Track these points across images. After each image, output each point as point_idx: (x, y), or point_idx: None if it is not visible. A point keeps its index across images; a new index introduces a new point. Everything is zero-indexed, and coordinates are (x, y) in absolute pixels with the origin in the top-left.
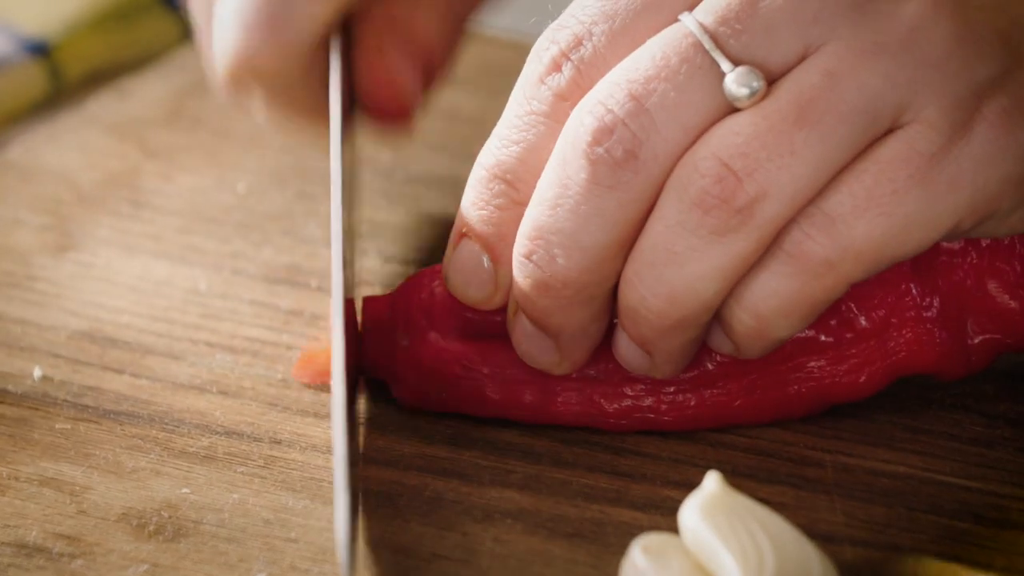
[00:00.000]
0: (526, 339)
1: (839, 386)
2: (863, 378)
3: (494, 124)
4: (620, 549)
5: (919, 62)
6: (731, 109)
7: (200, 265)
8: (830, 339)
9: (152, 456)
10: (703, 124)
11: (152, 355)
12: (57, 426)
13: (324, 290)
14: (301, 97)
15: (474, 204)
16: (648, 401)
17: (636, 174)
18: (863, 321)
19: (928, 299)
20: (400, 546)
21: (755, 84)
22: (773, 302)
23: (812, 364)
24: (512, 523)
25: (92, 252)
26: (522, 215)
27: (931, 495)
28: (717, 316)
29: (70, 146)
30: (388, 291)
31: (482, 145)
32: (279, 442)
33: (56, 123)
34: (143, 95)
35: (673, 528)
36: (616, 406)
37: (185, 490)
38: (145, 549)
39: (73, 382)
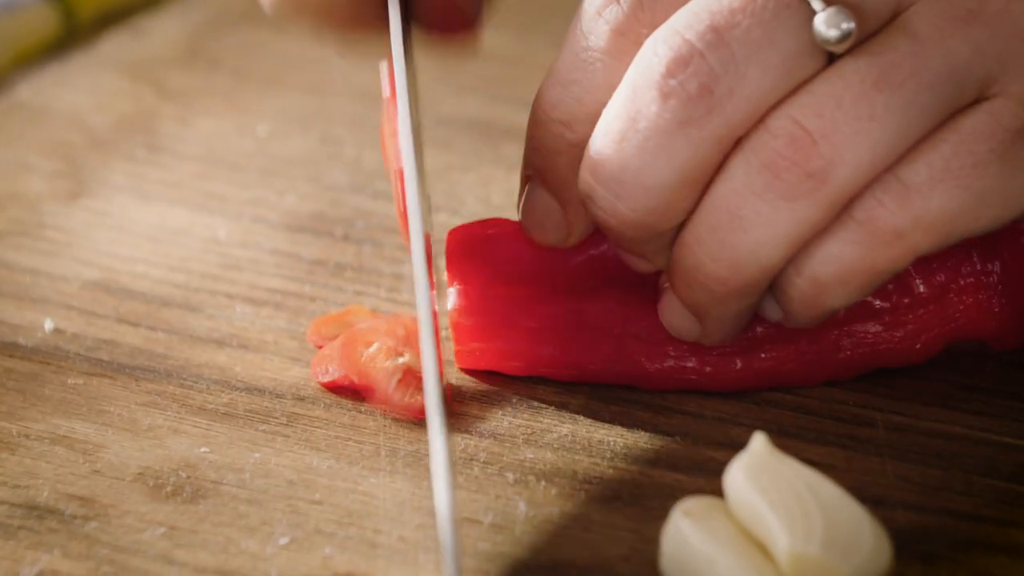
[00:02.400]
0: (617, 251)
1: (893, 352)
2: (919, 345)
3: (526, 64)
4: (661, 513)
5: (1011, 34)
6: (817, 56)
7: (219, 213)
8: (886, 304)
9: (169, 413)
10: (786, 68)
11: (169, 307)
12: (70, 381)
13: (349, 239)
14: (354, 9)
15: (533, 148)
16: (691, 362)
17: (709, 111)
18: (921, 287)
19: (989, 265)
20: (430, 509)
21: (845, 25)
22: (833, 269)
23: (866, 330)
24: (547, 486)
25: (106, 199)
26: (579, 152)
27: (988, 456)
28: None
29: (82, 88)
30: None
31: (513, 86)
32: (302, 399)
33: (68, 64)
34: (158, 34)
35: (717, 491)
36: (658, 366)
37: (204, 449)
38: (162, 511)
39: (86, 335)
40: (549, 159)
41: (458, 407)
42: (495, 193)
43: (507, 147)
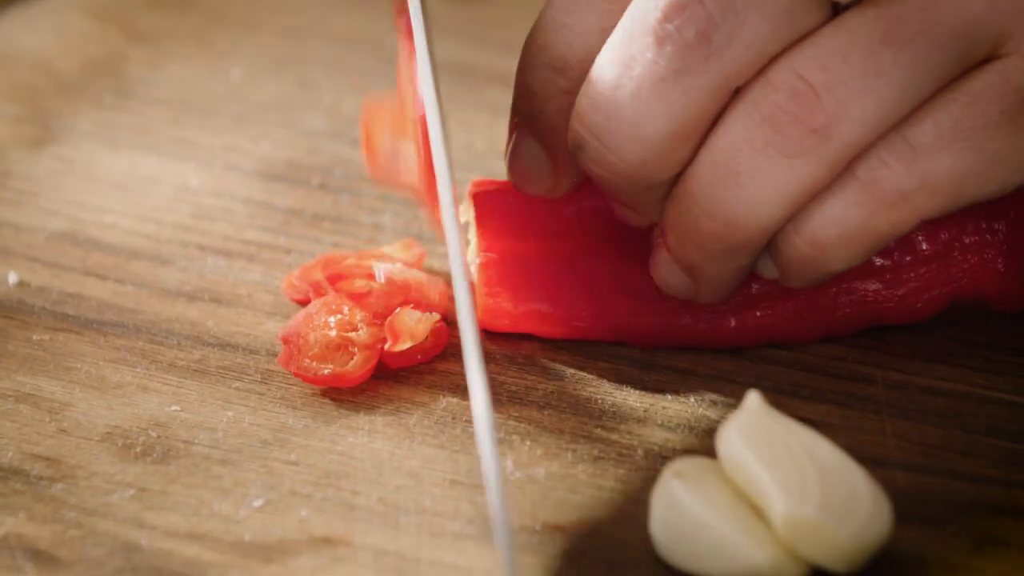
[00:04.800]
0: (608, 201)
1: (894, 311)
2: (920, 304)
3: (511, 4)
4: (651, 474)
5: None
6: (821, 7)
7: (191, 160)
8: (887, 262)
9: (138, 370)
10: (788, 18)
11: (138, 259)
12: (35, 337)
13: (326, 187)
14: None
15: (521, 94)
16: (684, 320)
17: (706, 59)
18: (924, 244)
19: (995, 224)
20: (410, 470)
21: None
22: (834, 231)
23: (866, 288)
24: (532, 445)
25: (72, 146)
26: (569, 99)
27: (991, 416)
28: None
29: (47, 30)
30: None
31: (498, 27)
32: (277, 355)
33: (32, 5)
34: None
35: (709, 451)
36: (648, 322)
37: (175, 408)
38: (131, 472)
39: (52, 288)
40: (538, 106)
41: (442, 365)
42: (478, 139)
43: (491, 92)
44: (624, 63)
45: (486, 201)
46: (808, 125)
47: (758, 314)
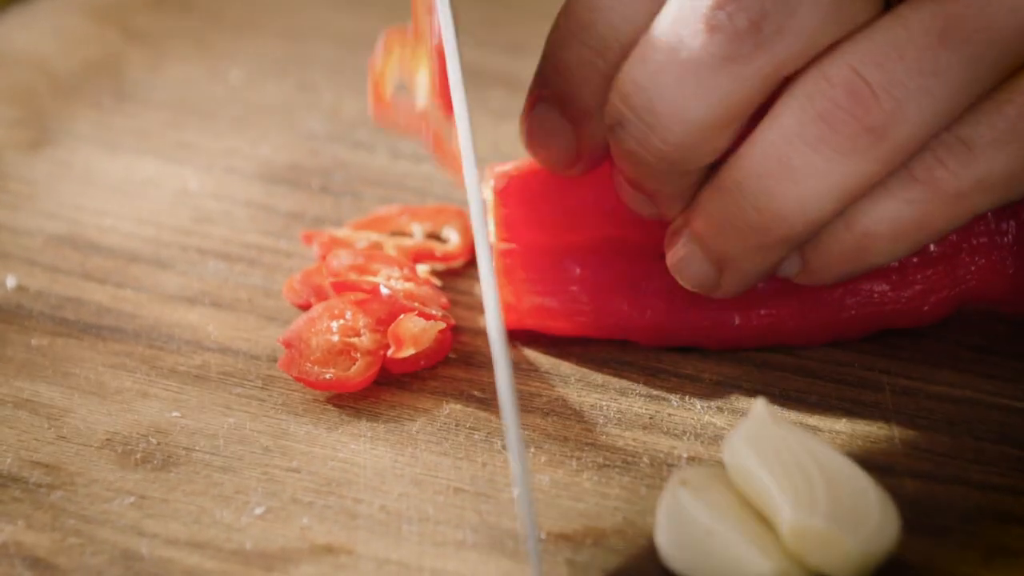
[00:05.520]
0: (623, 190)
1: (900, 313)
2: (927, 306)
3: (516, 7)
4: (656, 482)
5: None
6: (872, 1)
7: (190, 163)
8: (894, 263)
9: (138, 376)
10: (841, 10)
11: (138, 263)
12: (33, 342)
13: (327, 190)
14: None
15: (556, 70)
16: (688, 316)
17: (756, 48)
18: (932, 246)
19: (1004, 225)
20: (413, 478)
21: None
22: (888, 227)
23: (872, 288)
24: (536, 453)
25: (70, 149)
26: (606, 81)
27: (1000, 423)
28: None
29: (45, 31)
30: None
31: (503, 30)
32: (278, 361)
33: (30, 6)
34: None
35: (715, 458)
36: (651, 318)
37: (175, 413)
38: (131, 479)
39: (51, 293)
40: (573, 86)
41: (445, 371)
42: (481, 143)
43: (494, 95)
44: (672, 46)
45: (504, 189)
46: (864, 124)
47: (762, 312)
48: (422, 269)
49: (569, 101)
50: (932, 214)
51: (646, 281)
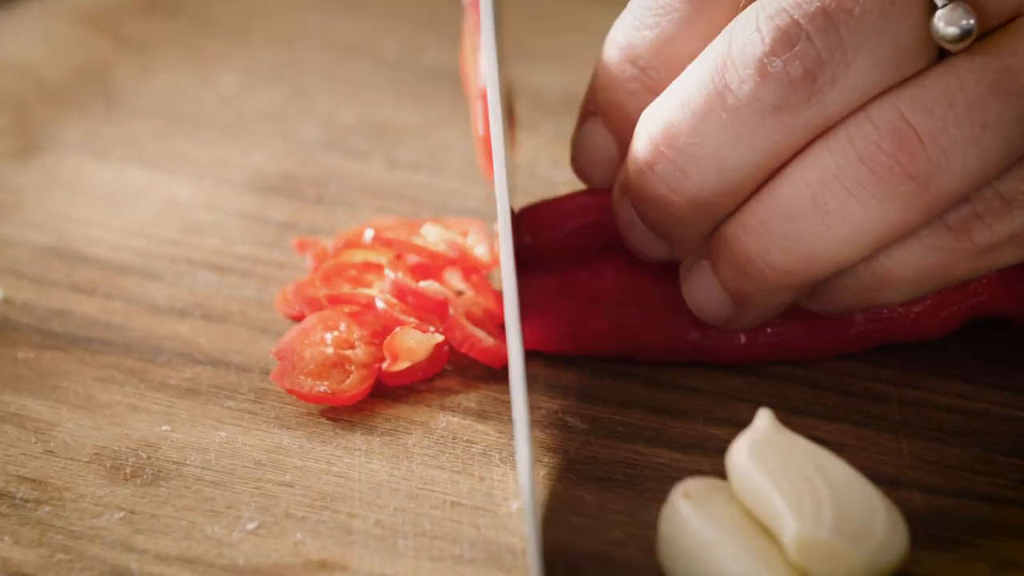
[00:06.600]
0: (632, 230)
1: (909, 328)
2: (937, 321)
3: (518, 13)
4: (659, 495)
5: None
6: (929, 51)
7: (180, 172)
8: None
9: (128, 389)
10: (896, 62)
11: (127, 274)
12: (20, 355)
13: (321, 200)
14: None
15: (604, 85)
16: (693, 335)
17: (808, 98)
18: None
19: None
20: (409, 492)
21: (966, 23)
22: (911, 272)
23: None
24: (536, 466)
25: (58, 157)
26: (652, 95)
27: (1010, 434)
28: None
29: (34, 37)
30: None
31: (504, 35)
32: (271, 373)
33: (18, 11)
34: None
35: (718, 471)
36: (657, 338)
37: (165, 427)
38: (120, 494)
39: (38, 305)
40: (618, 105)
41: (441, 383)
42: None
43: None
44: (717, 91)
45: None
46: (907, 171)
47: (769, 331)
48: (452, 278)
49: (615, 120)
50: (957, 263)
51: (649, 299)
